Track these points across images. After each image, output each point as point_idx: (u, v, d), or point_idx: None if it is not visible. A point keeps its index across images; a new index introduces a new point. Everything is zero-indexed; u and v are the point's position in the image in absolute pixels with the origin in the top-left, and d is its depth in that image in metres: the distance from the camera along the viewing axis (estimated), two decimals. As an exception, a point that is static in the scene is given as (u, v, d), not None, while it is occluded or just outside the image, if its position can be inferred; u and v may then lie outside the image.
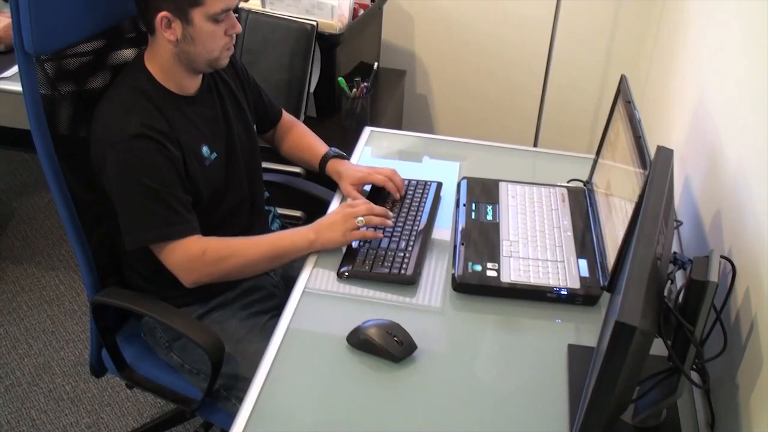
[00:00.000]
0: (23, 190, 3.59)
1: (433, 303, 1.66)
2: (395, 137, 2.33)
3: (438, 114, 3.39)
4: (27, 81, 1.66)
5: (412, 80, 3.30)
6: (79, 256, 1.86)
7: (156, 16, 1.67)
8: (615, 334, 0.98)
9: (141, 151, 1.65)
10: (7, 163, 3.76)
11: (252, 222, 1.98)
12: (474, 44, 3.16)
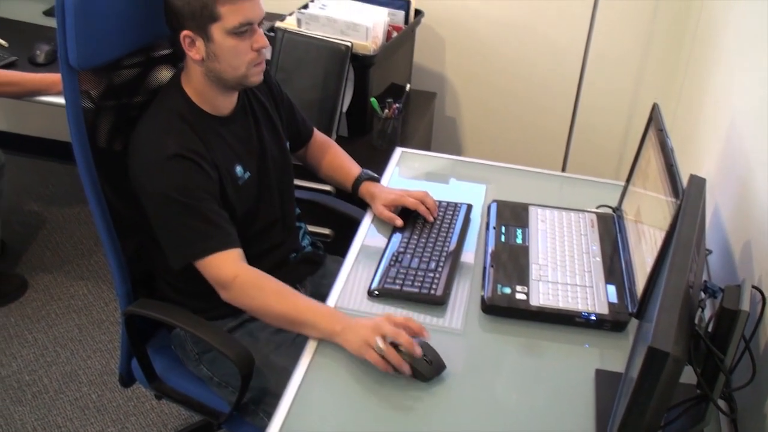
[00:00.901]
0: (54, 199, 3.64)
1: (461, 324, 1.68)
2: (425, 158, 2.35)
3: (466, 136, 3.41)
4: (70, 94, 1.70)
5: (442, 102, 3.32)
6: (113, 266, 1.89)
7: (180, 36, 1.70)
8: (648, 360, 0.99)
9: (179, 170, 1.69)
10: (39, 173, 3.82)
11: (283, 239, 2.00)
12: (504, 68, 3.18)
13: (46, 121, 3.80)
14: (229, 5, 1.65)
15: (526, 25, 3.06)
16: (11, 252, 3.25)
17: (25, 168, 3.82)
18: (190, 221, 1.67)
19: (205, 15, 1.65)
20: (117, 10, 1.70)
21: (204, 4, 1.64)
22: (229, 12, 1.65)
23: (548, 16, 3.03)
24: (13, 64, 2.70)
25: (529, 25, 3.06)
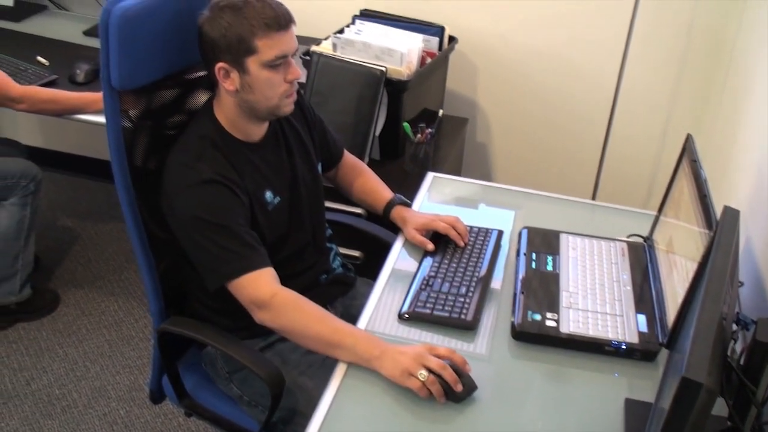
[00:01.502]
0: (87, 216, 3.69)
1: (491, 349, 1.68)
2: (456, 183, 2.36)
3: (497, 162, 3.42)
4: (111, 114, 1.74)
5: (473, 128, 3.34)
6: (147, 284, 1.92)
7: (215, 67, 1.73)
8: (680, 390, 1.00)
9: (211, 194, 1.71)
10: (74, 189, 3.87)
11: (314, 260, 2.02)
12: (536, 95, 3.19)
13: (82, 139, 3.86)
14: (265, 39, 1.68)
15: (559, 52, 3.07)
16: (45, 267, 3.29)
17: (59, 184, 3.87)
18: (225, 242, 1.69)
19: (241, 48, 1.68)
20: (158, 33, 1.74)
21: (240, 38, 1.67)
22: (266, 46, 1.69)
23: (581, 45, 3.04)
24: (53, 83, 2.75)
25: (562, 53, 3.07)
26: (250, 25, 1.67)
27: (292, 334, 1.71)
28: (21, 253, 2.88)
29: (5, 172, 2.75)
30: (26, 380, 2.79)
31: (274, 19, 1.68)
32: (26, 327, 3.02)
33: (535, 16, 3.03)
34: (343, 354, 1.62)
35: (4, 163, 2.80)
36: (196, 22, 1.74)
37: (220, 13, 1.69)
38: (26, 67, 2.81)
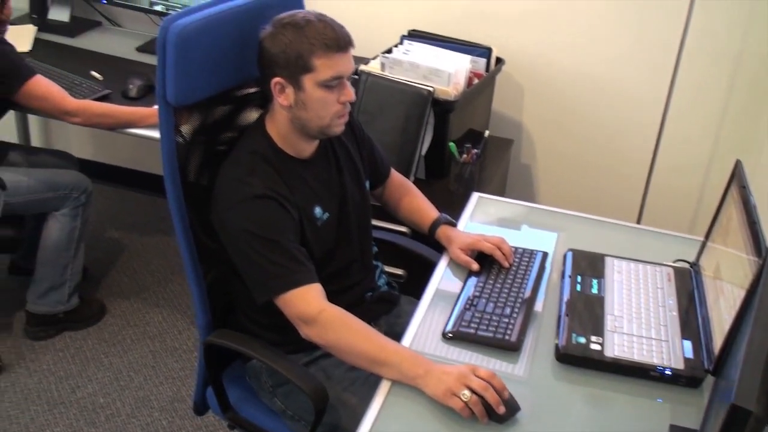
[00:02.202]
0: (134, 228, 3.75)
1: (534, 371, 1.68)
2: (501, 204, 2.36)
3: (541, 184, 3.42)
4: (165, 129, 1.78)
5: (519, 149, 3.34)
6: (195, 296, 1.95)
7: (271, 81, 1.77)
8: (729, 417, 1.00)
9: (262, 208, 1.75)
10: (122, 201, 3.94)
11: (361, 278, 2.04)
12: (583, 117, 3.19)
13: (131, 152, 3.93)
14: (324, 59, 1.71)
15: (606, 75, 3.07)
16: (92, 277, 3.35)
17: (108, 196, 3.94)
18: (274, 257, 1.72)
19: (299, 65, 1.72)
20: (214, 50, 1.78)
21: (299, 55, 1.71)
22: (323, 65, 1.72)
23: (629, 68, 3.04)
24: (107, 97, 2.81)
25: (609, 76, 3.07)
26: (310, 44, 1.70)
27: (337, 350, 1.72)
28: (70, 264, 2.94)
29: (58, 184, 2.81)
30: (72, 388, 2.84)
31: (334, 40, 1.72)
32: (73, 336, 3.07)
33: (582, 39, 3.04)
34: (388, 371, 1.63)
35: (58, 174, 2.86)
36: (253, 39, 1.78)
37: (282, 29, 1.72)
38: (81, 81, 2.87)
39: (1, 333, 3.03)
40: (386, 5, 3.20)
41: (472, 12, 3.10)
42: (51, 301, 2.97)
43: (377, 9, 3.21)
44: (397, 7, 3.19)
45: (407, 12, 3.17)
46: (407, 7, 3.18)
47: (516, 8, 3.06)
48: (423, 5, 3.16)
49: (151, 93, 2.87)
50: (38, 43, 3.25)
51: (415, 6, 3.17)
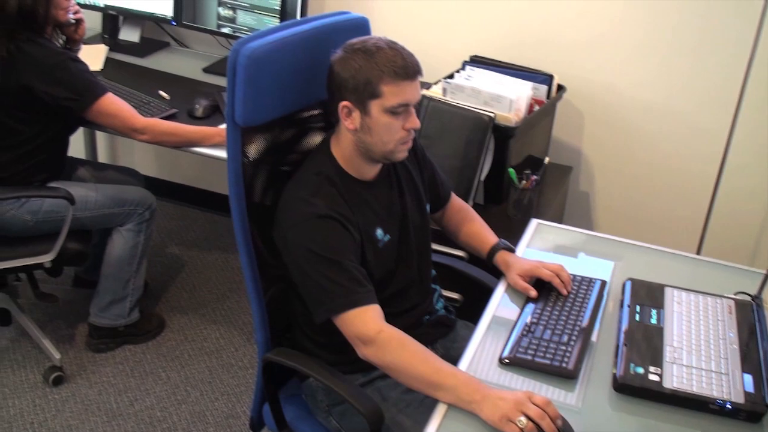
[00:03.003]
0: (194, 245, 3.82)
1: (590, 400, 1.68)
2: (560, 231, 2.36)
3: (599, 212, 3.40)
4: (233, 149, 1.82)
5: (577, 176, 3.33)
6: (255, 314, 1.98)
7: (339, 105, 1.80)
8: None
9: (325, 228, 1.78)
10: (182, 218, 4.01)
11: (419, 300, 2.05)
12: (643, 146, 3.17)
13: (193, 171, 4.00)
14: (392, 86, 1.75)
15: (668, 103, 3.05)
16: (153, 292, 3.41)
17: (169, 213, 4.01)
18: (335, 276, 1.74)
19: (367, 91, 1.75)
20: (282, 74, 1.82)
21: (368, 81, 1.74)
22: (391, 92, 1.75)
23: (692, 96, 3.01)
24: (173, 116, 2.88)
25: (671, 104, 3.05)
26: (379, 71, 1.73)
27: (394, 372, 1.73)
28: (132, 278, 3.00)
29: (124, 200, 2.88)
30: (130, 401, 2.89)
31: (402, 68, 1.75)
32: (132, 349, 3.13)
33: (644, 67, 3.03)
34: (444, 395, 1.64)
35: (124, 191, 2.93)
36: (320, 63, 1.82)
37: (353, 54, 1.76)
38: (149, 100, 2.94)
39: (64, 344, 3.10)
40: (449, 31, 3.23)
41: (535, 39, 3.12)
42: (112, 315, 3.03)
43: (440, 34, 3.24)
44: (459, 33, 3.22)
45: (469, 38, 3.20)
46: (469, 33, 3.20)
47: (578, 35, 3.07)
48: (485, 31, 3.18)
49: (217, 113, 2.93)
50: (109, 63, 3.34)
51: (477, 32, 3.19)
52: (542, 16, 3.09)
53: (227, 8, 3.26)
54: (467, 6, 3.18)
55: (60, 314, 3.25)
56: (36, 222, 2.71)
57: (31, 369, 2.99)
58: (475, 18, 3.19)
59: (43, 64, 2.57)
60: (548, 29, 3.09)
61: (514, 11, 3.12)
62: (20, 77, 2.56)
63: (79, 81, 2.61)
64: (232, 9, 3.26)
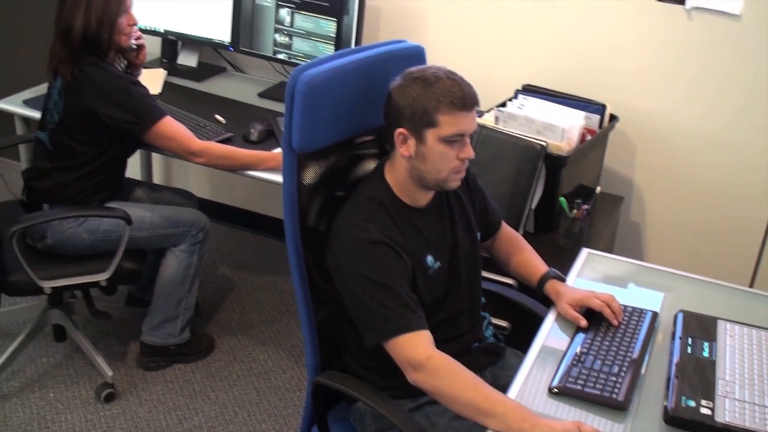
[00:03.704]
0: (245, 267, 3.86)
1: (641, 432, 1.67)
2: (610, 261, 2.35)
3: (650, 242, 3.38)
4: (288, 173, 1.85)
5: (628, 207, 3.32)
6: (306, 337, 2.00)
7: (395, 132, 1.83)
8: None
9: (378, 254, 1.80)
10: (234, 240, 4.06)
11: (468, 328, 2.06)
12: (695, 177, 3.15)
13: (246, 194, 4.06)
14: (448, 116, 1.77)
15: (721, 135, 3.03)
16: (203, 312, 3.46)
17: (221, 235, 4.07)
18: (386, 301, 1.76)
19: (424, 119, 1.78)
20: (339, 100, 1.86)
21: (425, 110, 1.77)
22: (447, 122, 1.78)
23: (746, 128, 2.99)
24: (229, 140, 2.93)
25: (725, 135, 3.03)
26: (437, 100, 1.76)
27: (444, 398, 1.74)
28: (184, 298, 3.04)
29: (178, 221, 2.93)
30: (179, 419, 2.93)
31: (460, 99, 1.77)
32: (182, 368, 3.17)
33: (698, 98, 3.01)
34: (493, 422, 1.64)
35: (178, 212, 2.98)
36: (376, 90, 1.85)
37: (412, 83, 1.79)
38: (205, 123, 3.00)
39: (116, 362, 3.16)
40: (502, 59, 3.25)
41: (587, 68, 3.12)
42: (164, 333, 3.08)
43: (493, 63, 3.26)
44: (512, 61, 3.24)
45: (522, 66, 3.22)
46: (522, 62, 3.22)
47: (632, 65, 3.06)
48: (538, 60, 3.19)
49: (271, 137, 2.97)
50: (168, 86, 3.42)
51: (530, 61, 3.21)
52: (596, 45, 3.09)
53: (283, 35, 3.32)
54: (521, 35, 3.20)
55: (113, 332, 3.31)
56: (93, 241, 2.78)
57: (83, 385, 3.04)
58: (528, 47, 3.20)
59: (106, 87, 2.64)
60: (601, 58, 3.10)
61: (568, 40, 3.13)
62: (83, 100, 2.64)
63: (139, 104, 2.68)
64: (289, 36, 3.31)
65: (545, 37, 3.16)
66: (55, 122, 2.73)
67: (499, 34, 3.23)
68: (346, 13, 3.16)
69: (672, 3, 2.92)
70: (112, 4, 2.66)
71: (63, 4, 2.65)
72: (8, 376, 3.02)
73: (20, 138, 3.18)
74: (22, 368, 3.08)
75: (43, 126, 2.82)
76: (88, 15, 2.62)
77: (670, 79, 3.03)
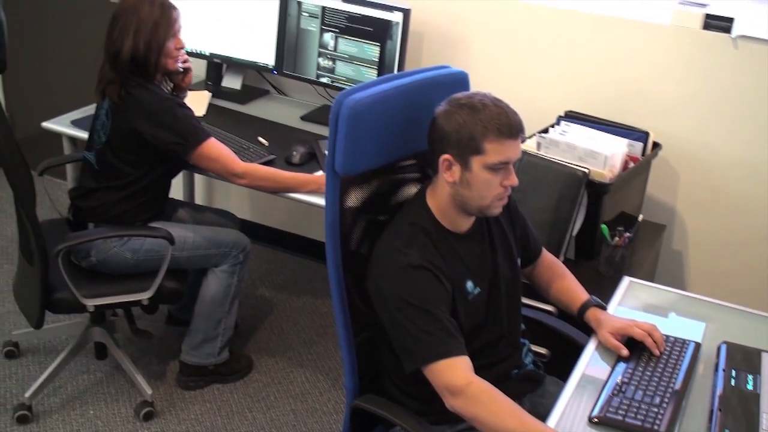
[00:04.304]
0: (284, 288, 3.88)
1: (683, 464, 1.65)
2: (652, 290, 2.33)
3: (692, 272, 3.34)
4: (331, 197, 1.87)
5: (671, 235, 3.28)
6: (346, 360, 2.01)
7: (440, 157, 1.83)
8: None
9: (418, 278, 1.80)
10: (273, 262, 4.08)
11: (507, 354, 2.05)
12: (739, 206, 3.11)
13: (286, 216, 4.09)
14: (495, 143, 1.78)
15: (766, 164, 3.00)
16: (242, 333, 3.47)
17: (261, 256, 4.09)
18: (426, 326, 1.76)
19: (470, 146, 1.78)
20: (382, 125, 1.87)
21: (472, 137, 1.78)
22: (493, 149, 1.78)
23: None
24: (271, 162, 2.95)
25: (769, 165, 3.00)
26: (484, 128, 1.77)
27: (482, 425, 1.73)
28: (224, 318, 3.06)
29: (220, 242, 2.96)
30: (216, 439, 2.95)
31: (507, 126, 1.78)
32: (220, 388, 3.18)
33: (745, 128, 2.99)
34: None
35: (220, 232, 3.01)
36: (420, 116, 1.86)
37: (459, 109, 1.80)
38: (248, 145, 3.03)
39: (156, 380, 3.18)
40: (544, 85, 3.25)
41: (631, 95, 3.11)
42: (203, 353, 3.10)
43: (535, 89, 3.26)
44: (554, 87, 3.24)
45: (565, 93, 3.21)
46: (565, 88, 3.22)
47: (677, 92, 3.05)
48: (581, 86, 3.19)
49: (313, 160, 2.99)
50: (212, 108, 3.46)
51: (572, 87, 3.20)
52: (640, 72, 3.08)
53: (327, 59, 3.36)
54: (563, 61, 3.20)
55: (153, 350, 3.34)
56: (136, 260, 2.81)
57: (123, 403, 3.07)
58: (571, 73, 3.20)
59: (152, 109, 2.69)
60: (645, 86, 3.08)
61: (611, 67, 3.12)
62: (130, 122, 2.69)
63: (184, 126, 2.72)
64: (332, 60, 3.34)
65: (588, 63, 3.16)
66: (102, 143, 2.78)
67: (542, 59, 3.24)
68: (389, 38, 3.18)
69: (717, 31, 2.91)
70: (161, 29, 2.70)
71: (113, 28, 2.70)
72: (50, 392, 3.06)
73: (68, 158, 3.23)
74: (64, 385, 3.12)
75: (90, 146, 2.88)
76: (137, 39, 2.67)
77: (715, 108, 3.01)
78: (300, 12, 3.37)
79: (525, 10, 3.21)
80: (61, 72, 4.33)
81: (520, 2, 3.21)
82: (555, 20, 3.17)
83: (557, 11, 3.15)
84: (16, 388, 3.08)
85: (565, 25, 3.16)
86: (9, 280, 3.45)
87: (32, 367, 3.20)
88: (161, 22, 2.71)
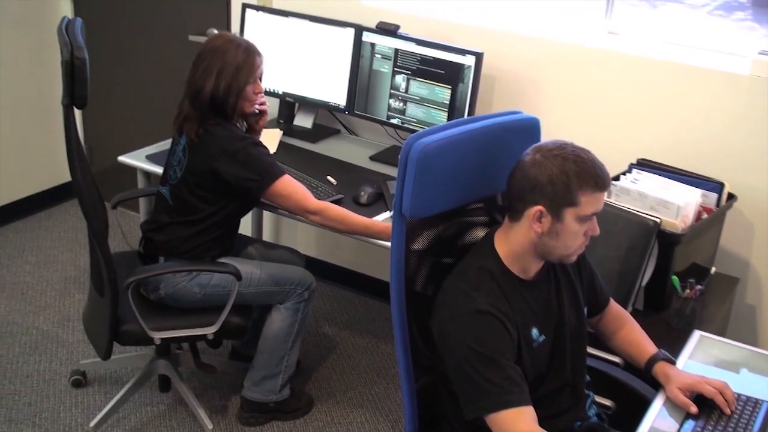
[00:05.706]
0: (347, 327, 3.88)
1: None
2: (724, 345, 2.27)
3: (765, 327, 3.25)
4: (397, 239, 1.87)
5: (744, 289, 3.20)
6: (406, 403, 2.00)
7: (531, 208, 1.82)
8: None
9: (485, 324, 1.79)
10: (337, 300, 4.09)
11: (571, 405, 2.01)
12: (817, 262, 3.03)
13: (352, 255, 4.10)
14: (589, 195, 1.78)
15: None
16: (304, 371, 3.48)
17: (325, 294, 4.11)
18: (490, 374, 1.75)
19: (565, 199, 1.78)
20: (451, 169, 1.87)
21: (567, 189, 1.77)
22: (587, 202, 1.79)
23: None
24: (339, 201, 2.97)
25: None
26: (581, 180, 1.77)
27: None
28: (287, 355, 3.07)
29: (285, 279, 2.98)
30: (274, 477, 2.94)
31: (602, 179, 1.80)
32: (280, 426, 3.18)
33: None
34: None
35: (286, 270, 3.03)
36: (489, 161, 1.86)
37: (553, 159, 1.79)
38: (317, 184, 3.06)
39: (217, 415, 3.20)
40: (616, 133, 3.22)
41: (705, 144, 3.06)
42: (265, 390, 3.11)
43: (607, 136, 3.23)
44: (626, 134, 3.20)
45: (637, 140, 3.17)
46: (637, 136, 3.18)
47: (751, 143, 2.98)
48: (654, 134, 3.14)
49: (380, 200, 3.00)
50: (282, 146, 3.50)
51: (645, 135, 3.16)
52: (715, 122, 3.03)
53: (398, 100, 3.38)
54: (636, 108, 3.17)
55: (215, 385, 3.36)
56: (203, 295, 2.85)
57: (184, 436, 3.10)
58: (644, 120, 3.16)
59: (230, 147, 2.74)
60: (720, 135, 3.03)
61: (686, 115, 3.08)
62: (207, 159, 2.74)
63: (260, 164, 2.76)
64: (403, 101, 3.37)
65: (663, 110, 3.12)
66: (177, 178, 2.84)
67: (615, 106, 3.21)
68: (461, 81, 3.19)
69: (795, 82, 2.85)
70: (243, 73, 2.77)
71: (197, 67, 2.77)
72: (113, 423, 3.10)
73: (141, 191, 3.31)
74: (127, 415, 3.16)
75: (164, 181, 2.94)
76: (219, 80, 2.73)
77: (792, 160, 2.95)
78: (373, 53, 3.41)
79: (598, 56, 3.19)
80: (137, 108, 4.45)
81: (593, 48, 3.19)
82: (629, 67, 3.14)
83: (632, 58, 3.13)
84: (81, 416, 3.13)
85: (640, 72, 3.13)
86: (80, 309, 3.53)
87: (98, 396, 3.25)
88: (244, 66, 2.77)
